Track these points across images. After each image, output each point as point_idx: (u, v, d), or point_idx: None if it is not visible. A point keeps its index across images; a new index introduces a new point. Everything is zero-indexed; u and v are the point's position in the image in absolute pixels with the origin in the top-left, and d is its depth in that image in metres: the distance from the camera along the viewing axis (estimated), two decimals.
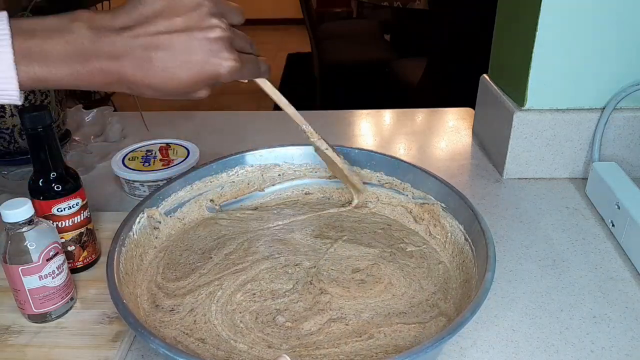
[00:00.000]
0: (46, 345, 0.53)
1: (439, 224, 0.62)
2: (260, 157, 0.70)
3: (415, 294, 0.55)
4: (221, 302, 0.53)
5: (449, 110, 1.12)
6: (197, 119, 1.10)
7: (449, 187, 0.61)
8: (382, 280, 0.57)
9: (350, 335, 0.50)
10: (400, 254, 0.61)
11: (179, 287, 0.56)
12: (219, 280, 0.56)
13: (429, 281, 0.57)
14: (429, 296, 0.55)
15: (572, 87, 0.79)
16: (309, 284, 0.56)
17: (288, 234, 0.64)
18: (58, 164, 0.58)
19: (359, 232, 0.65)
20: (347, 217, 0.68)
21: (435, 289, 0.56)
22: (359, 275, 0.57)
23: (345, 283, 0.56)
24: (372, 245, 0.62)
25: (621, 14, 0.73)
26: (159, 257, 0.60)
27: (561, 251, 0.68)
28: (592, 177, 0.77)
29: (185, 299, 0.54)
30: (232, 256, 0.60)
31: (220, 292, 0.55)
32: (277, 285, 0.56)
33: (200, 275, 0.57)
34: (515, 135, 0.81)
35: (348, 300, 0.54)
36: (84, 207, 0.61)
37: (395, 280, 0.57)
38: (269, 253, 0.61)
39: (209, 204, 0.67)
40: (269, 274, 0.58)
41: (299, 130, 0.60)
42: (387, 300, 0.54)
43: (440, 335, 0.41)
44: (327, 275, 0.57)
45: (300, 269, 0.58)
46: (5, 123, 0.82)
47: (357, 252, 0.61)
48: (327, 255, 0.60)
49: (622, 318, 0.57)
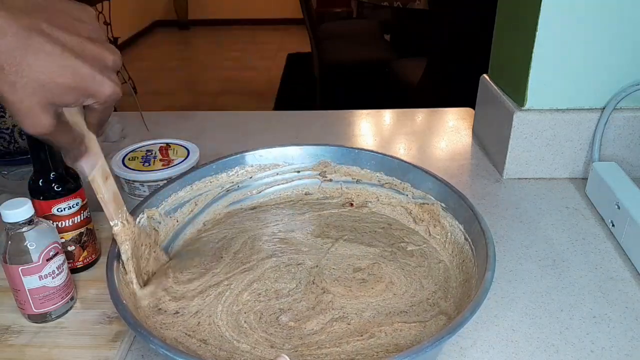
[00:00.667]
0: (46, 345, 0.53)
1: (439, 224, 0.62)
2: (260, 157, 0.70)
3: (416, 292, 0.55)
4: (228, 302, 0.54)
5: (449, 110, 1.12)
6: (197, 119, 1.10)
7: (449, 187, 0.61)
8: (383, 280, 0.57)
9: (352, 334, 0.50)
10: (400, 253, 0.61)
11: (190, 289, 0.55)
12: (228, 280, 0.57)
13: (430, 280, 0.57)
14: (430, 295, 0.55)
15: (572, 87, 0.79)
16: (312, 284, 0.56)
17: (289, 234, 0.64)
18: (58, 164, 0.58)
19: (360, 232, 0.65)
20: (348, 217, 0.68)
21: (436, 287, 0.56)
22: (360, 275, 0.58)
23: (346, 282, 0.57)
24: (372, 244, 0.62)
25: (621, 14, 0.73)
26: (168, 264, 0.59)
27: (561, 251, 0.68)
28: (592, 177, 0.77)
29: (193, 302, 0.53)
30: (240, 255, 0.61)
31: (229, 293, 0.55)
32: (281, 285, 0.56)
33: (213, 275, 0.57)
34: (515, 135, 0.81)
35: (350, 299, 0.54)
36: (84, 207, 0.61)
37: (396, 279, 0.57)
38: (272, 252, 0.61)
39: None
40: (273, 273, 0.58)
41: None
42: (388, 300, 0.54)
43: (439, 334, 0.41)
44: (329, 274, 0.58)
45: (303, 268, 0.59)
46: (5, 123, 0.82)
47: (358, 252, 0.61)
48: (329, 254, 0.61)
49: (622, 318, 0.57)
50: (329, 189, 0.71)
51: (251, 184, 0.70)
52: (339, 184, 0.71)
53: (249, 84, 4.22)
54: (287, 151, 0.71)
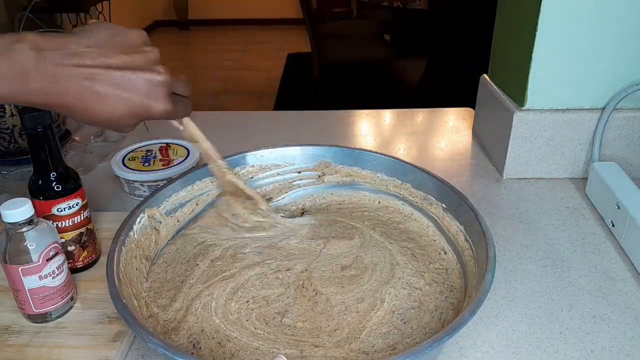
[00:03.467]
0: (46, 345, 0.53)
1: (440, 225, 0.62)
2: (262, 158, 0.70)
3: (408, 262, 0.59)
4: (220, 312, 0.52)
5: (449, 110, 1.12)
6: (197, 119, 1.09)
7: (450, 188, 0.61)
8: (368, 267, 0.58)
9: (368, 312, 0.52)
10: (384, 233, 0.63)
11: (175, 309, 0.53)
12: (208, 289, 0.55)
13: (429, 275, 0.57)
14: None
15: (572, 87, 0.79)
16: (302, 287, 0.56)
17: (281, 239, 0.63)
18: (58, 164, 0.58)
19: (349, 220, 0.65)
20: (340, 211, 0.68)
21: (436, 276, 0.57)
22: (349, 272, 0.58)
23: (337, 280, 0.57)
24: (353, 236, 0.63)
25: (621, 14, 0.73)
26: (146, 289, 0.56)
27: (561, 251, 0.68)
28: (592, 177, 0.77)
29: (187, 321, 0.51)
30: (219, 262, 0.59)
31: (214, 303, 0.53)
32: (267, 292, 0.55)
33: (191, 287, 0.55)
34: (515, 135, 0.81)
35: (346, 294, 0.54)
36: (84, 207, 0.61)
37: (378, 260, 0.59)
38: (261, 259, 0.60)
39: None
40: (259, 280, 0.56)
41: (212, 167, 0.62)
42: (383, 274, 0.56)
43: (439, 335, 0.41)
44: (318, 276, 0.57)
45: (292, 273, 0.58)
46: (5, 123, 0.82)
47: (346, 249, 0.61)
48: (321, 256, 0.60)
49: (622, 318, 0.57)
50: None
51: (252, 184, 0.70)
52: (336, 188, 0.71)
53: (249, 84, 4.22)
54: (288, 151, 0.71)
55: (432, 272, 0.57)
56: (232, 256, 0.60)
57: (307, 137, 1.00)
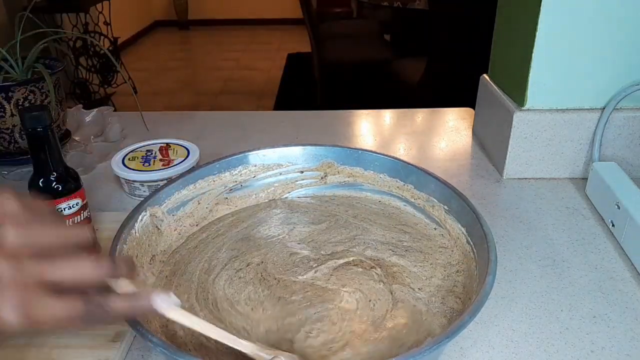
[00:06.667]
0: (46, 345, 0.53)
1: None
2: (264, 157, 0.70)
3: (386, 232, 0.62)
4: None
5: (449, 110, 1.12)
6: (197, 119, 1.10)
7: (452, 190, 0.61)
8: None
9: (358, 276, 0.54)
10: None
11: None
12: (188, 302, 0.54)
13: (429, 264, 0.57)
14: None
15: (572, 87, 0.79)
16: (263, 280, 0.56)
17: (256, 229, 0.64)
18: (58, 164, 0.58)
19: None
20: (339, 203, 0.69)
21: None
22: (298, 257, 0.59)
23: (290, 267, 0.57)
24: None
25: (621, 14, 0.73)
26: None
27: (561, 251, 0.68)
28: (592, 177, 0.77)
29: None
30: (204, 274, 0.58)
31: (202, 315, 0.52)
32: (241, 296, 0.54)
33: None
34: (515, 135, 0.81)
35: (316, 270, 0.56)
36: (84, 207, 0.61)
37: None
38: (228, 259, 0.59)
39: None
40: (229, 289, 0.55)
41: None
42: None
43: (438, 338, 0.41)
44: (272, 267, 0.57)
45: (250, 268, 0.58)
46: (5, 123, 0.82)
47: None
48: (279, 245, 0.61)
49: (622, 318, 0.57)
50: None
51: (254, 183, 0.70)
52: (336, 188, 0.71)
53: (249, 84, 4.23)
54: (291, 151, 0.71)
55: (432, 272, 0.57)
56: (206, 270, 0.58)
57: (307, 137, 1.00)
